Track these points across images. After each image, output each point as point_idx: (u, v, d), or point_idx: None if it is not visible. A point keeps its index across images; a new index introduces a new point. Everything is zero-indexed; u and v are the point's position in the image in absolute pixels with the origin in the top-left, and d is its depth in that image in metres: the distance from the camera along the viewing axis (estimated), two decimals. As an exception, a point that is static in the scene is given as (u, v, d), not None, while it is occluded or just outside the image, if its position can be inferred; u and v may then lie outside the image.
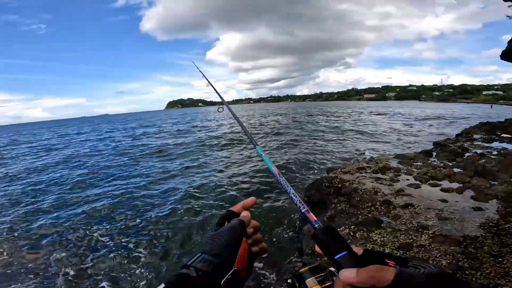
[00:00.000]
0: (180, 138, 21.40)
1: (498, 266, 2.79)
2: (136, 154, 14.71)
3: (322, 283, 0.48)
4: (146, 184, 8.98)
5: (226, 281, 0.44)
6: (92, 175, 10.72)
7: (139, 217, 6.44)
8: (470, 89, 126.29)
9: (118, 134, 29.38)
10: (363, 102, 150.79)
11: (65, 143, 23.79)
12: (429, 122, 24.70)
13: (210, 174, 9.77)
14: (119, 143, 20.20)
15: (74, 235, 5.65)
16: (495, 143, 9.48)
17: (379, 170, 6.29)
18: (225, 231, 0.51)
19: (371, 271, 0.35)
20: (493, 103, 64.10)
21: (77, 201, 7.79)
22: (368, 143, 14.87)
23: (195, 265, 0.45)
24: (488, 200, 4.36)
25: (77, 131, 40.07)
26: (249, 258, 0.52)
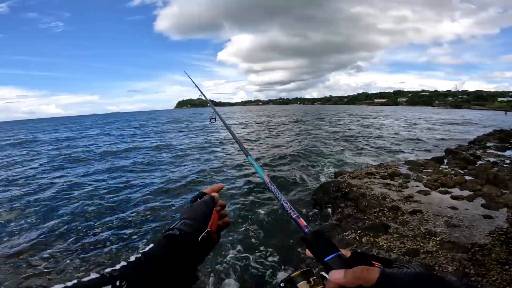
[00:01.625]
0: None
1: (505, 273, 2.79)
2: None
3: (314, 287, 0.50)
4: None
5: (202, 238, 0.58)
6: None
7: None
8: (485, 96, 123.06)
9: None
10: (373, 107, 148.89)
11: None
12: (441, 128, 24.25)
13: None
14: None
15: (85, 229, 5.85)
16: (508, 151, 9.30)
17: (388, 176, 6.28)
18: (200, 203, 0.65)
19: (357, 271, 0.37)
20: (508, 110, 62.28)
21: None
22: (377, 148, 14.73)
23: (178, 227, 0.57)
24: (499, 209, 4.32)
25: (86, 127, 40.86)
26: (217, 227, 0.65)
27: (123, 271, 0.48)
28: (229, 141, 17.88)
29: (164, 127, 35.31)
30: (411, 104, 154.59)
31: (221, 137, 21.10)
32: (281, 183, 8.63)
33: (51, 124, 71.79)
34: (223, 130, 25.40)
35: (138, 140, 21.72)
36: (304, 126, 30.20)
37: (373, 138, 18.80)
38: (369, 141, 17.39)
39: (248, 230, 5.25)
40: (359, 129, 25.30)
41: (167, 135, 25.27)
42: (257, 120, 43.64)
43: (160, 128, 33.87)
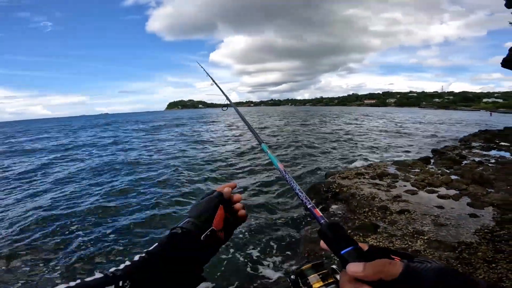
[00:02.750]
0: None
1: (492, 271, 2.83)
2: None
3: (325, 279, 0.49)
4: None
5: (205, 237, 0.56)
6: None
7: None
8: (471, 97, 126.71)
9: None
10: (363, 108, 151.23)
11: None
12: (428, 129, 24.79)
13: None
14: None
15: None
16: (493, 151, 9.56)
17: (377, 176, 6.35)
18: (205, 200, 0.63)
19: (378, 265, 0.35)
20: (493, 110, 64.30)
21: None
22: (367, 148, 14.93)
23: (182, 226, 0.57)
24: (484, 207, 4.41)
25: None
26: (226, 223, 0.63)
27: (127, 270, 0.48)
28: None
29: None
30: (400, 105, 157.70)
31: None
32: (272, 183, 8.63)
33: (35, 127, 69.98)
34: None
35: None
36: (293, 127, 30.38)
37: (362, 138, 19.05)
38: (358, 141, 17.62)
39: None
40: (349, 129, 25.61)
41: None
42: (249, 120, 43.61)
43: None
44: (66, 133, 32.56)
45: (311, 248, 3.95)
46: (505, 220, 3.90)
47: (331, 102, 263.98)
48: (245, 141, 18.59)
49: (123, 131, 31.70)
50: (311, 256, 3.78)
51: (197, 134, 25.51)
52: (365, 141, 17.76)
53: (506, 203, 4.44)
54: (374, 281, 0.34)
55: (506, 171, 6.38)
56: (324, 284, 0.49)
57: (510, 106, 66.40)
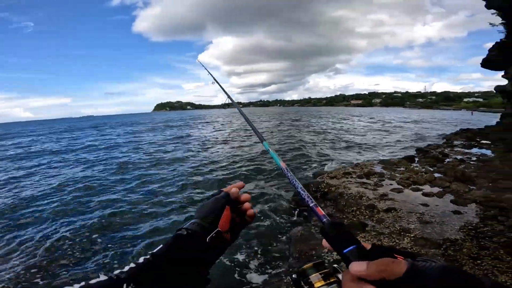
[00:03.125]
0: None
1: (477, 268, 2.90)
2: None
3: (326, 279, 0.49)
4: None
5: (211, 238, 0.55)
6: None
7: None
8: (452, 96, 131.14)
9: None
10: (350, 108, 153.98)
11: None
12: (413, 128, 25.47)
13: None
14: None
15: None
16: (474, 149, 9.89)
17: (364, 175, 6.43)
18: (212, 201, 0.63)
19: (382, 264, 0.34)
20: (474, 110, 66.77)
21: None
22: (354, 148, 15.16)
23: (187, 227, 0.56)
24: (467, 204, 4.54)
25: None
26: (233, 224, 0.62)
27: (131, 273, 0.47)
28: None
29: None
30: (385, 105, 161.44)
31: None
32: (264, 181, 8.62)
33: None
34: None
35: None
36: (282, 127, 30.53)
37: (349, 138, 19.34)
38: (346, 141, 17.87)
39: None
40: (336, 129, 25.97)
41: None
42: (235, 121, 43.62)
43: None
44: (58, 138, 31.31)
45: (301, 248, 3.95)
46: (488, 217, 4.02)
47: (319, 102, 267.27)
48: (240, 141, 18.53)
49: (121, 134, 30.80)
50: (302, 256, 3.77)
51: (192, 135, 25.29)
52: (352, 140, 18.03)
53: (488, 200, 4.58)
54: (378, 280, 0.34)
55: (487, 169, 6.60)
56: (326, 284, 0.48)
57: (490, 105, 69.13)
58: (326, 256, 3.38)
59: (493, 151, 9.06)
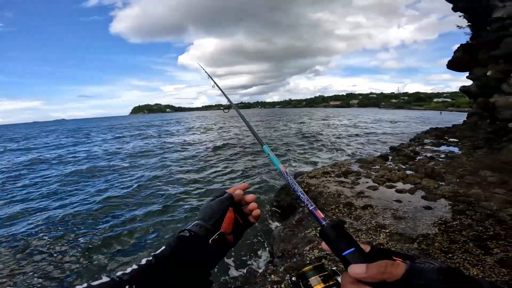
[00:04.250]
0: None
1: (449, 261, 3.03)
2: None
3: (326, 281, 0.49)
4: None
5: (213, 240, 0.55)
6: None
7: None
8: (423, 97, 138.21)
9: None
10: (329, 109, 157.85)
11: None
12: (386, 128, 26.58)
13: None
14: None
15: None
16: (443, 146, 10.46)
17: (342, 174, 6.59)
18: (215, 202, 0.62)
19: (381, 266, 0.35)
20: (443, 109, 70.82)
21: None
22: (332, 148, 15.54)
23: (190, 228, 0.56)
24: (437, 200, 4.77)
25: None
26: (236, 226, 0.62)
27: (133, 274, 0.47)
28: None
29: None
30: (362, 106, 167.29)
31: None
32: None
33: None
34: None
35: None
36: (262, 129, 30.72)
37: (327, 138, 19.81)
38: (324, 141, 18.28)
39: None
40: (317, 130, 26.51)
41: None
42: (214, 125, 43.32)
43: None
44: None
45: (284, 247, 3.96)
46: (457, 211, 4.24)
47: (300, 104, 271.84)
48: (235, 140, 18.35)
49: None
50: (285, 255, 3.78)
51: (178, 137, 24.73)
52: (331, 140, 18.48)
53: (456, 195, 4.85)
54: (377, 283, 0.34)
55: (455, 165, 6.99)
56: (325, 286, 0.49)
57: (458, 105, 73.57)
58: (308, 254, 3.41)
59: (460, 149, 9.62)
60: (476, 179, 5.63)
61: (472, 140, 10.72)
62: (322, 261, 3.08)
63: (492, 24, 11.17)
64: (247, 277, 4.00)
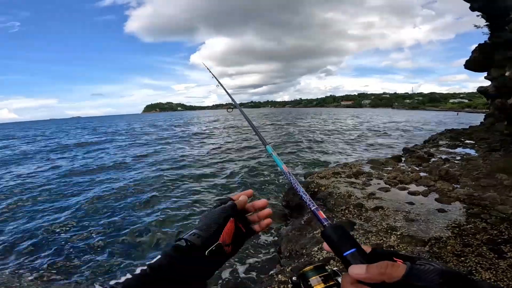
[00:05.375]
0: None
1: (461, 265, 2.98)
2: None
3: (326, 282, 0.49)
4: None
5: (210, 252, 0.53)
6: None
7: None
8: (438, 97, 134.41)
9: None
10: (340, 109, 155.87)
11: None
12: (400, 128, 26.02)
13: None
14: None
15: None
16: (458, 148, 10.17)
17: (352, 174, 6.53)
18: (215, 211, 0.60)
19: (381, 267, 0.35)
20: (459, 110, 68.66)
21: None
22: (344, 149, 15.37)
23: (187, 237, 0.54)
24: (451, 203, 4.66)
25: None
26: (237, 235, 0.59)
27: (127, 284, 0.46)
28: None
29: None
30: (374, 106, 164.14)
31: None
32: (254, 183, 8.63)
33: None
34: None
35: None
36: (273, 127, 30.64)
37: (338, 139, 19.59)
38: (335, 142, 18.10)
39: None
40: (328, 130, 26.25)
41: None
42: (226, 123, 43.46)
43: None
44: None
45: (292, 247, 3.98)
46: (471, 215, 4.15)
47: (310, 103, 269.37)
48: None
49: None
50: (293, 255, 3.80)
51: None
52: (342, 140, 18.27)
53: (471, 198, 4.72)
54: (377, 283, 0.35)
55: (470, 167, 6.81)
56: (326, 286, 0.49)
57: (474, 106, 71.20)
58: (316, 255, 3.42)
59: (476, 151, 9.34)
60: (492, 182, 5.47)
61: (488, 142, 10.38)
62: (330, 262, 3.09)
63: (510, 24, 10.73)
64: (254, 276, 4.03)
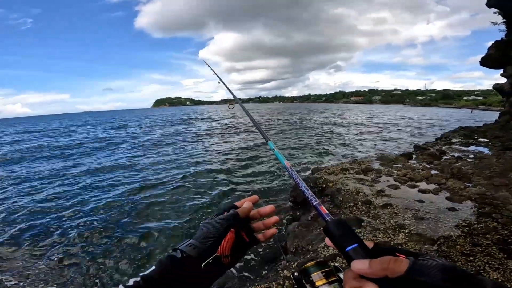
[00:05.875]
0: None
1: (470, 264, 2.93)
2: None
3: (328, 277, 0.49)
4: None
5: (206, 265, 0.51)
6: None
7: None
8: (452, 94, 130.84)
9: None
10: (350, 104, 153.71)
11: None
12: (412, 125, 25.51)
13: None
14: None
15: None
16: (472, 147, 9.91)
17: (361, 171, 6.47)
18: (215, 221, 0.57)
19: (384, 262, 0.35)
20: (473, 108, 66.78)
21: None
22: (354, 144, 15.21)
23: (182, 248, 0.52)
24: (462, 201, 4.57)
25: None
26: (238, 246, 0.57)
27: None
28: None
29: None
30: (384, 102, 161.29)
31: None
32: (260, 180, 8.66)
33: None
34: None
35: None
36: (280, 123, 30.51)
37: (349, 135, 19.37)
38: (345, 138, 17.90)
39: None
40: (337, 125, 25.98)
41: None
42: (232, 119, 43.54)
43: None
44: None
45: (298, 243, 4.00)
46: (482, 214, 4.06)
47: (319, 99, 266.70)
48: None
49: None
50: (299, 251, 3.82)
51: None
52: (352, 136, 18.07)
53: (482, 197, 4.62)
54: (380, 278, 0.35)
55: (483, 166, 6.64)
56: (328, 282, 0.49)
57: (489, 103, 69.12)
58: (322, 251, 3.43)
59: (490, 149, 9.09)
60: (505, 181, 5.32)
61: (502, 140, 10.08)
62: (336, 258, 3.09)
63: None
64: (259, 271, 4.05)
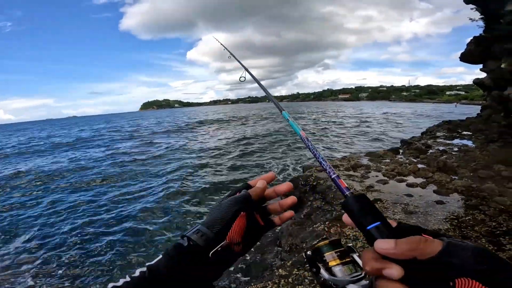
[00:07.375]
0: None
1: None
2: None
3: (342, 258, 0.47)
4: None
5: (215, 253, 0.46)
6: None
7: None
8: (435, 90, 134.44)
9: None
10: (337, 102, 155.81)
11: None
12: (397, 120, 26.08)
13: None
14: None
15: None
16: (456, 140, 10.19)
17: (351, 167, 6.53)
18: (225, 204, 0.52)
19: (413, 241, 0.32)
20: (457, 102, 69.02)
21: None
22: (342, 141, 15.39)
23: (190, 235, 0.48)
24: (449, 194, 4.67)
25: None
26: (248, 232, 0.52)
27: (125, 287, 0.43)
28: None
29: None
30: (371, 99, 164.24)
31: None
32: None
33: None
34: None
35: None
36: (269, 124, 30.62)
37: (336, 133, 19.60)
38: (333, 136, 18.11)
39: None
40: (325, 124, 26.26)
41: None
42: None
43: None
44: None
45: (292, 242, 3.99)
46: (469, 206, 4.15)
47: (308, 97, 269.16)
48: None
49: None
50: (293, 249, 3.80)
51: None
52: (340, 134, 18.29)
53: (469, 189, 4.73)
54: (406, 260, 0.31)
55: (468, 159, 6.82)
56: (341, 263, 0.46)
57: (471, 98, 71.48)
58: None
59: (473, 142, 9.36)
60: (490, 173, 5.48)
61: (485, 133, 10.41)
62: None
63: (505, 17, 10.70)
64: (254, 271, 4.02)
